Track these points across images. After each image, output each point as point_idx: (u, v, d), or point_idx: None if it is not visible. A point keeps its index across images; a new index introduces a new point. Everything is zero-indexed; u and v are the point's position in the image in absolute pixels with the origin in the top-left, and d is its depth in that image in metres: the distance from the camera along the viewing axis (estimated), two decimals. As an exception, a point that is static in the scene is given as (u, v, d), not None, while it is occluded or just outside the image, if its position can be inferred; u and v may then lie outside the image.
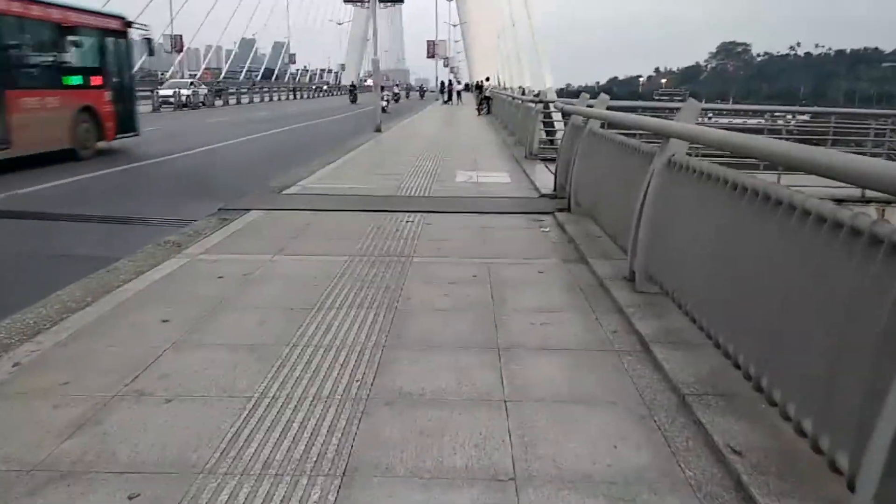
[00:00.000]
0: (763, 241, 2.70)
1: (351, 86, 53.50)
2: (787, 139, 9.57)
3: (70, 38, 12.61)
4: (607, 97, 7.14)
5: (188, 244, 5.70)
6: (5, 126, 10.66)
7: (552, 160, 13.01)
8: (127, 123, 14.33)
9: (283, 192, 8.51)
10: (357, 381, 3.06)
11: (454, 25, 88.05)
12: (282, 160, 12.98)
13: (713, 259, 3.25)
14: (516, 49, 29.71)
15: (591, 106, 8.10)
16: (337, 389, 2.97)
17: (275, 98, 52.99)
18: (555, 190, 8.52)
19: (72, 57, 12.75)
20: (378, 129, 19.17)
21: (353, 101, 45.16)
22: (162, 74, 66.76)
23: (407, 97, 63.34)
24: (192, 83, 39.04)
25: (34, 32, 11.93)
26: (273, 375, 3.11)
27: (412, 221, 6.84)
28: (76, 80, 12.73)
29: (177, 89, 34.72)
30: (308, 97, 61.53)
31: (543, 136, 12.89)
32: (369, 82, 56.64)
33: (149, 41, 18.89)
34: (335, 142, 16.08)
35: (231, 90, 45.93)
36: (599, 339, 3.65)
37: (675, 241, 3.92)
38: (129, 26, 14.80)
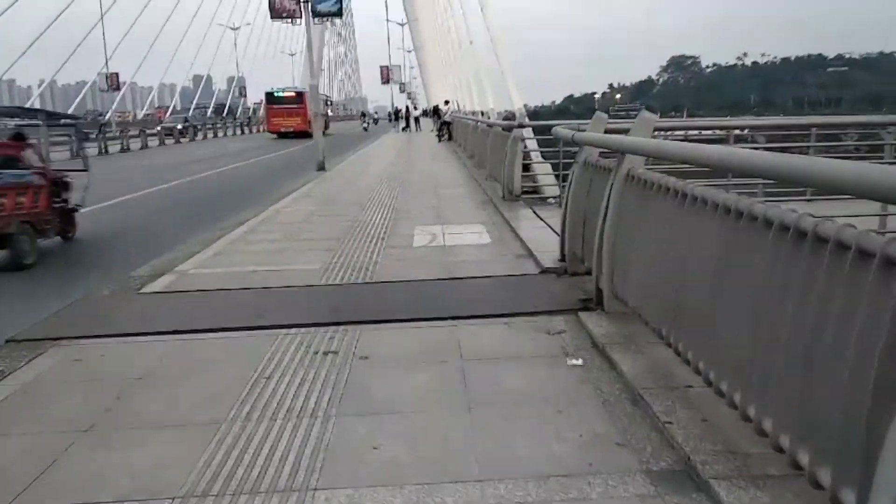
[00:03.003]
0: None
1: (362, 114, 68.90)
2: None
3: (323, 99, 35.11)
4: (653, 116, 4.31)
5: None
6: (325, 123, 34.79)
7: (538, 198, 10.21)
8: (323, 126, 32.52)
9: (144, 291, 5.44)
10: None
11: (409, 51, 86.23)
12: (186, 215, 9.93)
13: None
14: (476, 68, 27.14)
15: (611, 131, 5.33)
16: None
17: (222, 134, 49.39)
18: (562, 258, 5.63)
19: (326, 104, 48.39)
20: (321, 167, 16.17)
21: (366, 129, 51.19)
22: (100, 115, 63.21)
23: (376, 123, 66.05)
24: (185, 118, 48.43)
25: (325, 103, 42.90)
26: None
27: (333, 353, 3.85)
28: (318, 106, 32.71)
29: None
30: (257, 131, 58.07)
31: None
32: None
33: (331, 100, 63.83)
34: (274, 183, 13.05)
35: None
36: None
37: None
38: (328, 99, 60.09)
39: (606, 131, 5.28)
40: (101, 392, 3.41)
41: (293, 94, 41.15)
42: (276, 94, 41.43)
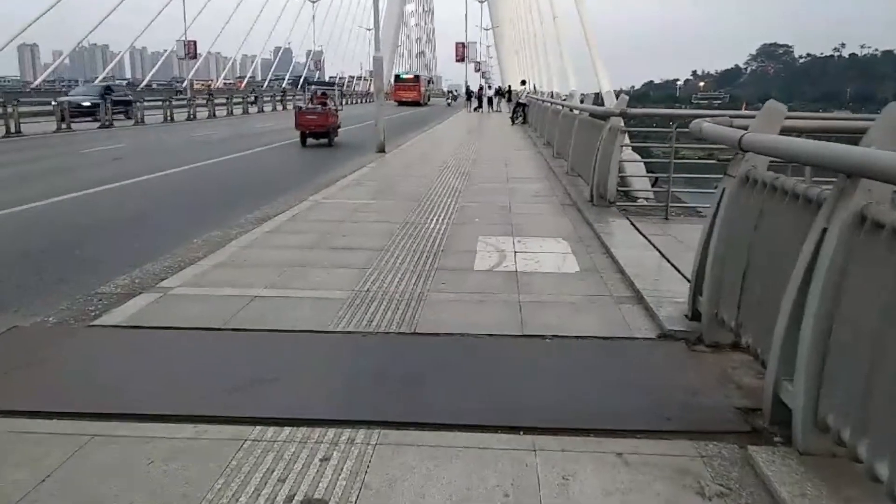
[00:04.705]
0: None
1: (448, 92, 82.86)
2: None
3: (427, 79, 77.59)
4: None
5: None
6: (425, 95, 65.42)
7: (634, 205, 8.26)
8: (427, 99, 65.92)
9: (98, 322, 3.94)
10: None
11: (486, 29, 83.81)
12: (220, 202, 8.54)
13: None
14: (558, 46, 24.92)
15: (789, 130, 3.52)
16: None
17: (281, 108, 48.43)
18: (691, 315, 3.80)
19: (429, 85, 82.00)
20: (381, 150, 14.60)
21: (448, 104, 64.28)
22: (178, 82, 63.87)
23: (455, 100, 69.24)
24: (108, 87, 30.10)
25: (427, 83, 76.96)
26: None
27: (318, 502, 2.20)
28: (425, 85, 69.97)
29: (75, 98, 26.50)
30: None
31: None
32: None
33: (432, 79, 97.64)
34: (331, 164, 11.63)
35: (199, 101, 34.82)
36: None
37: None
38: (430, 79, 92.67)
39: (783, 130, 3.40)
40: None
41: (412, 76, 64.58)
42: (401, 76, 63.06)
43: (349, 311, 4.12)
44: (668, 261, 5.16)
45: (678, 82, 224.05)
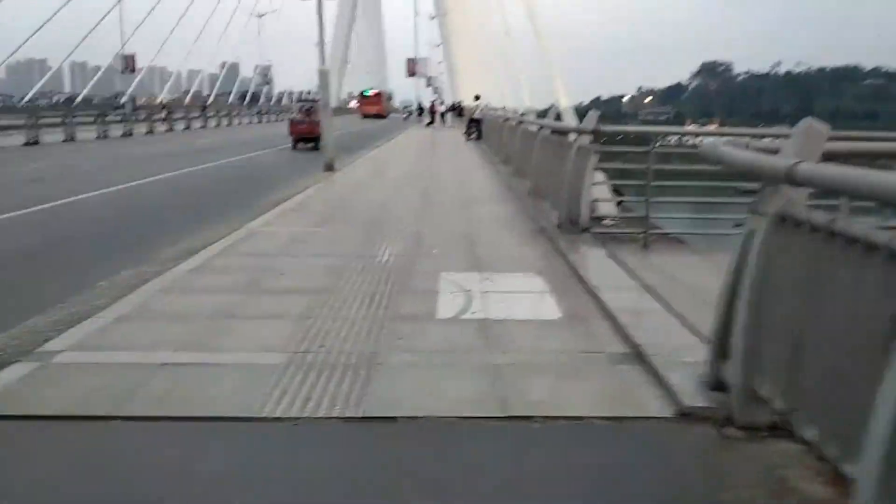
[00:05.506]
0: None
1: (404, 107, 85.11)
2: None
3: (387, 96, 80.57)
4: None
5: None
6: (386, 109, 72.91)
7: (609, 232, 7.53)
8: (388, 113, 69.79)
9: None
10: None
11: (437, 45, 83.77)
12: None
13: None
14: (511, 61, 24.47)
15: (834, 155, 2.84)
16: None
17: (237, 122, 47.13)
18: (716, 385, 3.05)
19: (388, 99, 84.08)
20: (330, 167, 13.68)
21: (405, 118, 65.43)
22: (115, 98, 61.33)
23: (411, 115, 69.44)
24: None
25: (388, 99, 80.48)
26: None
27: None
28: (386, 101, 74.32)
29: None
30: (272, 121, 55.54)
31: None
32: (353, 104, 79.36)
33: (392, 94, 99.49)
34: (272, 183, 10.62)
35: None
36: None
37: None
38: (390, 95, 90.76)
39: (826, 155, 2.70)
40: None
41: (375, 92, 70.35)
42: (366, 93, 70.38)
43: (282, 383, 3.23)
44: (665, 302, 4.44)
45: (624, 98, 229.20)
